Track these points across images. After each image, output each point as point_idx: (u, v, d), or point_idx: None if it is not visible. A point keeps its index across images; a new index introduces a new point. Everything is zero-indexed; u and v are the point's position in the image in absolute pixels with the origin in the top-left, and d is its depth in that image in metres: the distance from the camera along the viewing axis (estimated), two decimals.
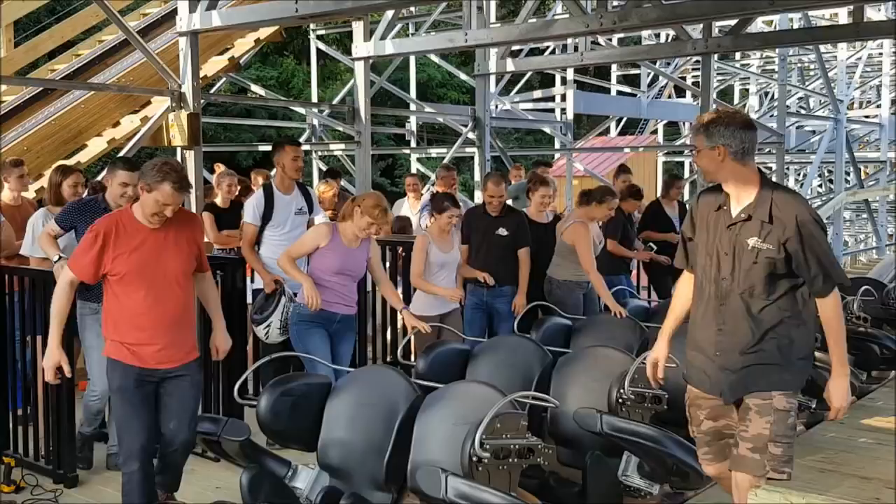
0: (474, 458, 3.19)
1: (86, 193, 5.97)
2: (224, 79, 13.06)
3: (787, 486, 4.23)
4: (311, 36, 15.04)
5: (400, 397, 3.72)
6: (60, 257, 4.48)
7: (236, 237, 6.83)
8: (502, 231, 6.02)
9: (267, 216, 5.44)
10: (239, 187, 7.59)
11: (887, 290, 6.99)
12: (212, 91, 12.78)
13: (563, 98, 15.92)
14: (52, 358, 3.64)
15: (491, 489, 3.13)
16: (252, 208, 5.46)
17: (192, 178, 6.83)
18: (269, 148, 15.19)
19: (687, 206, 8.31)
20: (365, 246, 4.92)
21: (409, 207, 8.82)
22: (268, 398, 3.75)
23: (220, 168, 8.29)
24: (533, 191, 6.51)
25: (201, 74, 7.93)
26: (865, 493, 4.25)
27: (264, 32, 10.65)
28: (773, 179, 3.03)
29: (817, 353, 5.48)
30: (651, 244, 7.43)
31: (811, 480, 4.41)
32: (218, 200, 7.34)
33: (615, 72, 20.47)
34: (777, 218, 2.98)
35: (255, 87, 14.18)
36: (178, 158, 7.18)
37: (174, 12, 7.40)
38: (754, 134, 3.06)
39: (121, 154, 7.83)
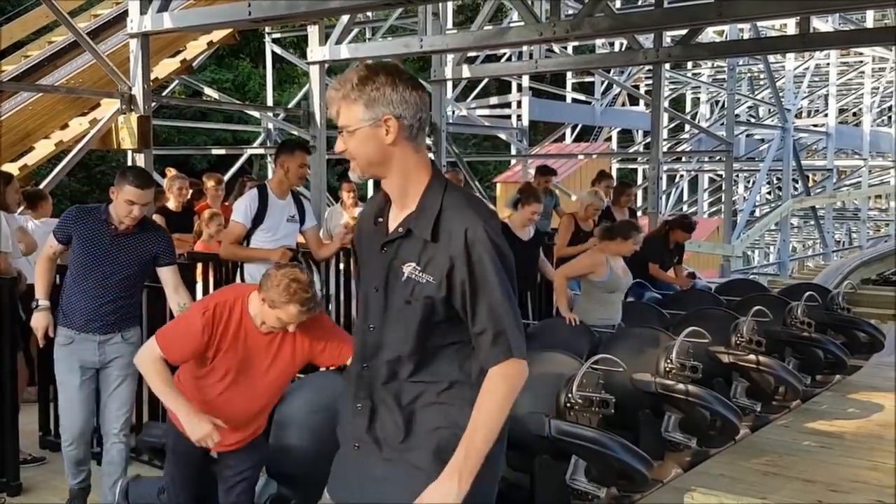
0: None
1: (21, 207, 5.83)
2: (177, 81, 12.93)
3: (729, 489, 4.33)
4: (267, 39, 14.98)
5: None
6: (38, 305, 3.98)
7: (189, 241, 6.75)
8: None
9: (259, 219, 5.10)
10: (190, 191, 7.51)
11: (832, 296, 7.14)
12: (164, 93, 12.62)
13: (520, 105, 16.06)
14: (199, 429, 3.11)
15: None
16: (244, 208, 5.11)
17: None
18: (222, 151, 15.06)
19: (638, 213, 8.41)
20: None
21: (345, 213, 8.79)
22: None
23: (171, 172, 8.20)
24: (524, 203, 6.07)
25: (152, 77, 7.86)
26: (809, 496, 4.34)
27: (217, 35, 10.57)
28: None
29: (764, 359, 5.63)
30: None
31: (755, 483, 4.50)
32: (170, 204, 7.25)
33: (570, 80, 20.69)
34: (444, 233, 1.98)
35: (208, 90, 14.06)
36: (129, 161, 7.08)
37: (125, 14, 7.30)
38: (426, 99, 2.05)
39: (70, 157, 7.71)
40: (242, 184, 8.46)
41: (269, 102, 15.90)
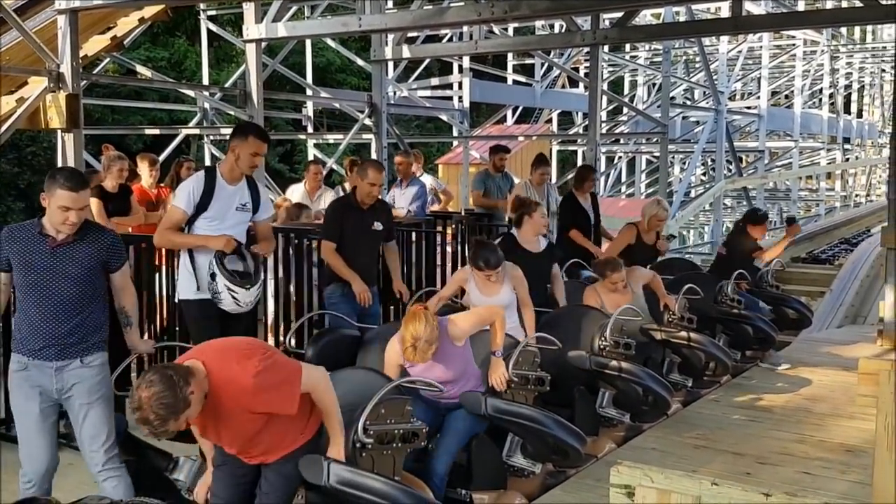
0: (358, 444, 3.21)
1: None
2: (109, 59, 12.58)
3: (661, 462, 4.44)
4: (202, 17, 14.65)
5: None
6: None
7: (127, 224, 6.60)
8: (378, 225, 5.56)
9: (203, 205, 4.56)
10: (127, 172, 7.31)
11: (761, 274, 7.34)
12: (95, 71, 12.27)
13: (461, 86, 16.05)
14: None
15: (374, 474, 3.16)
16: (187, 193, 4.59)
17: (71, 162, 6.58)
18: (157, 131, 14.71)
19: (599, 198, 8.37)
20: (455, 351, 4.09)
21: (304, 194, 8.66)
22: None
23: (109, 149, 7.94)
24: (531, 214, 5.64)
25: (82, 54, 7.62)
26: (737, 468, 4.47)
27: (149, 11, 10.26)
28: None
29: (695, 335, 5.77)
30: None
31: (685, 456, 4.62)
32: (107, 184, 7.04)
33: (511, 62, 20.73)
34: None
35: (141, 69, 13.69)
36: (59, 141, 6.87)
37: None
38: None
39: None
40: (179, 165, 8.30)
41: (206, 81, 15.56)
